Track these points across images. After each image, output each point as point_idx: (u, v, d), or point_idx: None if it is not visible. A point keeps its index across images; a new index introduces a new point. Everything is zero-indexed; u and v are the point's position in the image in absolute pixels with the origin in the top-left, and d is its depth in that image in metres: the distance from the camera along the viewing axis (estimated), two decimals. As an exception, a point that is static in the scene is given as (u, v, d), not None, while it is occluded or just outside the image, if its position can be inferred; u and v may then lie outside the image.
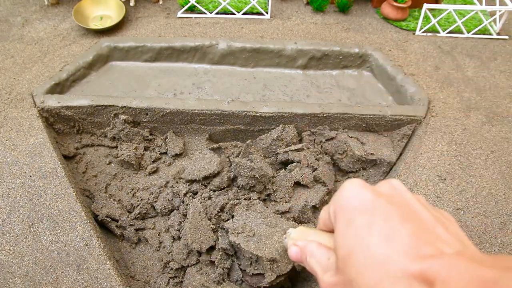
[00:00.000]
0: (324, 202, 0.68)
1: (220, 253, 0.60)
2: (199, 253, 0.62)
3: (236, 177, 0.68)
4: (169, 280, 0.61)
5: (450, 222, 0.33)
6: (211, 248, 0.63)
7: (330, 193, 0.70)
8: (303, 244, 0.44)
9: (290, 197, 0.68)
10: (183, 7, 0.95)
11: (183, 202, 0.67)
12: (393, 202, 0.34)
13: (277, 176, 0.69)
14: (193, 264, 0.62)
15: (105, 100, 0.73)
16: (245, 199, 0.66)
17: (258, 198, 0.67)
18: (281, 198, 0.68)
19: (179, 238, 0.64)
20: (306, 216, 0.67)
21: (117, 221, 0.66)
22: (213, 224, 0.63)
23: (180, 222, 0.65)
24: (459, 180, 0.66)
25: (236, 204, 0.65)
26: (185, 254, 0.62)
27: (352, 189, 0.35)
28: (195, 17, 0.95)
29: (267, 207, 0.66)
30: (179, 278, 0.62)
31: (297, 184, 0.69)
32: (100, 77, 0.85)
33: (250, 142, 0.70)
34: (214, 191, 0.68)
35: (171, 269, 0.62)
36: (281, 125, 0.73)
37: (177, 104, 0.73)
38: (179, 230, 0.65)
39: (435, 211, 0.34)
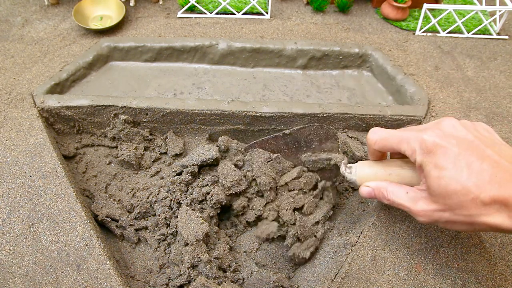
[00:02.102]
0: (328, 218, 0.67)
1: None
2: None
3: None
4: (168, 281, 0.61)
5: (502, 144, 0.45)
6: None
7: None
8: (375, 185, 0.53)
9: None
10: (183, 7, 0.95)
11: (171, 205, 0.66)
12: (477, 142, 0.44)
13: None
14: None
15: (105, 100, 0.73)
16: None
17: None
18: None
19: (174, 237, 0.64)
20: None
21: (117, 221, 0.66)
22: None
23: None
24: (459, 180, 0.66)
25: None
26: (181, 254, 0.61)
27: (434, 139, 0.45)
28: (195, 17, 0.95)
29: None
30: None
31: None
32: (100, 77, 0.85)
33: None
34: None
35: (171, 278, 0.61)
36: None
37: (177, 104, 0.74)
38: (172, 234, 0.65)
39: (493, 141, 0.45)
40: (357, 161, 0.58)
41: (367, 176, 0.55)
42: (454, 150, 0.43)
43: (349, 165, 0.58)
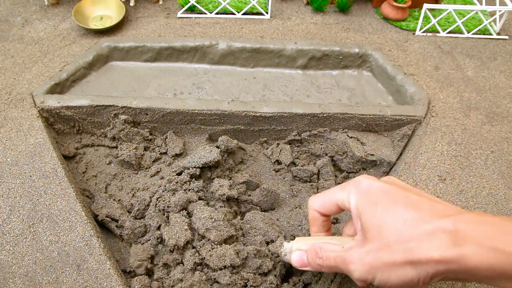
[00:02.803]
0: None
1: None
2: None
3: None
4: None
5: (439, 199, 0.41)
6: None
7: None
8: (310, 246, 0.47)
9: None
10: (183, 7, 0.95)
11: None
12: (401, 187, 0.42)
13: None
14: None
15: (105, 100, 0.73)
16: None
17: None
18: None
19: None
20: None
21: (117, 221, 0.66)
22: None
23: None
24: (459, 180, 0.66)
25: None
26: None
27: (368, 181, 0.43)
28: (195, 17, 0.95)
29: None
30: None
31: None
32: (100, 77, 0.85)
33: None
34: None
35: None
36: None
37: (177, 104, 0.74)
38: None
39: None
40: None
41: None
42: (388, 188, 0.41)
43: (284, 242, 0.52)
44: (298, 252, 0.48)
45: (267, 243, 0.59)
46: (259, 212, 0.66)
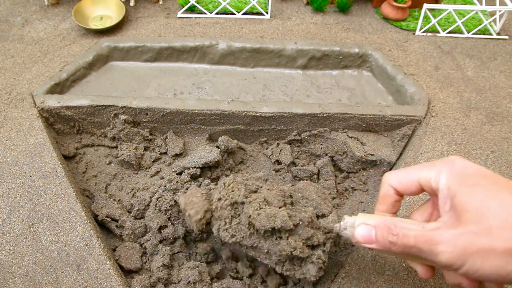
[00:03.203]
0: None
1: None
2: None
3: None
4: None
5: None
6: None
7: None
8: (379, 221, 0.41)
9: None
10: (183, 7, 0.95)
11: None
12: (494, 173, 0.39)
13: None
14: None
15: (105, 100, 0.73)
16: None
17: None
18: None
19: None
20: None
21: (117, 221, 0.66)
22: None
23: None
24: (459, 180, 0.66)
25: None
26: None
27: (463, 162, 0.39)
28: (195, 17, 0.95)
29: None
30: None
31: None
32: (100, 77, 0.85)
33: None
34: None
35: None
36: None
37: (177, 104, 0.74)
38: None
39: None
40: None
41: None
42: (486, 171, 0.38)
43: (345, 216, 0.46)
44: (364, 226, 0.42)
45: (318, 217, 0.53)
46: (312, 183, 0.60)
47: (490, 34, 0.94)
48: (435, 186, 0.40)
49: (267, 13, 0.96)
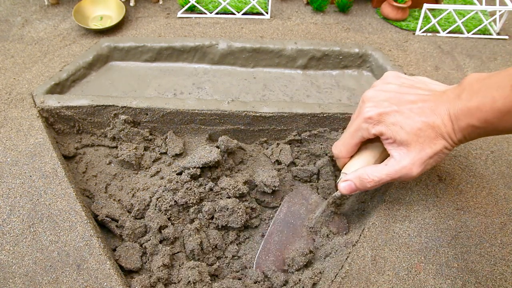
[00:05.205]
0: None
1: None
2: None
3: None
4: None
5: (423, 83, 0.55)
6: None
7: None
8: (354, 176, 0.55)
9: None
10: (183, 7, 0.95)
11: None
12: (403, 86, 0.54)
13: None
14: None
15: (105, 100, 0.73)
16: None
17: None
18: None
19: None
20: None
21: (117, 221, 0.66)
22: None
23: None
24: (459, 180, 0.66)
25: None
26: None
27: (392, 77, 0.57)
28: (195, 17, 0.95)
29: None
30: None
31: None
32: (100, 77, 0.85)
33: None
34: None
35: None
36: None
37: (177, 104, 0.74)
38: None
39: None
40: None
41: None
42: (392, 108, 0.50)
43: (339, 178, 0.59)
44: (344, 183, 0.56)
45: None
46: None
47: (490, 34, 0.94)
48: (371, 136, 0.53)
49: (267, 13, 0.96)
